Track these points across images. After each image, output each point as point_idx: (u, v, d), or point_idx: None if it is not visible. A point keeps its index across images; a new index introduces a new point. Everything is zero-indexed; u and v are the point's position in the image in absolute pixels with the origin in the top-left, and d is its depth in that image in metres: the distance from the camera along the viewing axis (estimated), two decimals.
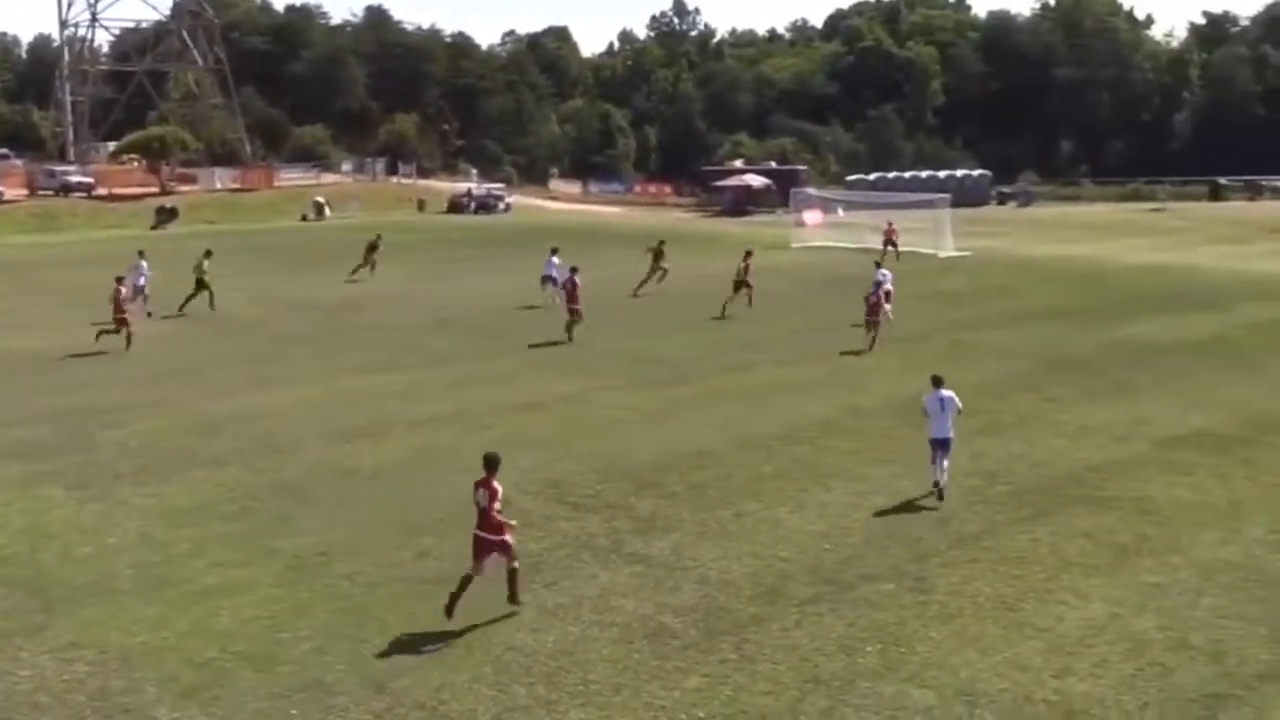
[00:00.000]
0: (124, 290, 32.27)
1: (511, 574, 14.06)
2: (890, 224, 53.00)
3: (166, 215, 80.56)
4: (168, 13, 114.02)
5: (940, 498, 18.06)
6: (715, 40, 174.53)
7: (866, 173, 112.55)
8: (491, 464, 14.15)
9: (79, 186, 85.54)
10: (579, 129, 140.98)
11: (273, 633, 13.47)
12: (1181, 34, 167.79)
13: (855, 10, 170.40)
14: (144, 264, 38.16)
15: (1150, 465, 20.14)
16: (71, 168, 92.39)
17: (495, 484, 14.01)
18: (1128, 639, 13.28)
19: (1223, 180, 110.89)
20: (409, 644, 13.15)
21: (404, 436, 22.01)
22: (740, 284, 38.08)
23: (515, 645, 13.11)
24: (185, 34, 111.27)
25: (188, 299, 37.79)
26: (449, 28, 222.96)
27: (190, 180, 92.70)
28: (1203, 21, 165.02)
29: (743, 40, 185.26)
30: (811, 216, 75.95)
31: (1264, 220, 79.80)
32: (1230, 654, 12.96)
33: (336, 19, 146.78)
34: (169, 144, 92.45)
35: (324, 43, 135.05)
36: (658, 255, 43.89)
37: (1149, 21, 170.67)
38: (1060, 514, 17.47)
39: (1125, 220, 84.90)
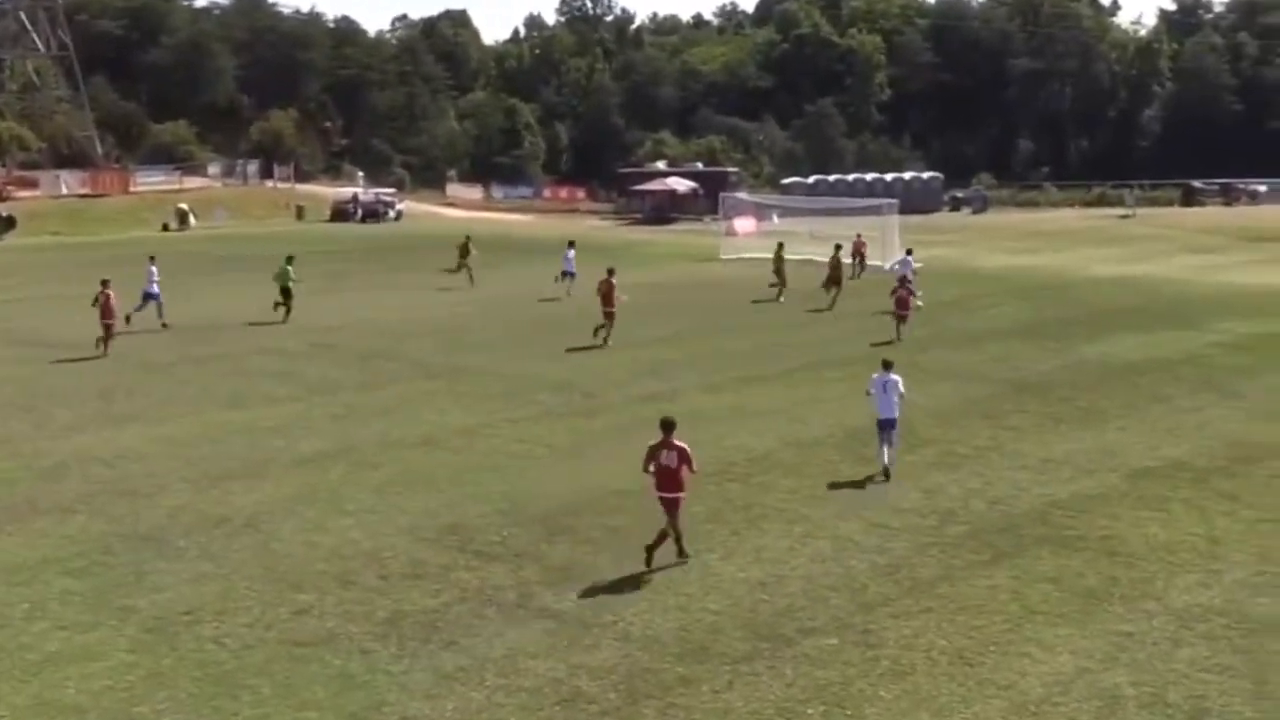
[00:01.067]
0: (112, 294, 34.56)
1: (676, 535, 16.95)
2: (859, 236, 53.52)
3: (3, 225, 79.25)
4: None
5: (887, 476, 21.27)
6: (634, 27, 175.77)
7: (805, 175, 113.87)
8: (669, 425, 17.03)
9: None
10: (480, 126, 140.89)
11: (128, 706, 13.22)
12: (1150, 21, 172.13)
13: None
14: (153, 270, 39.56)
15: (1121, 500, 20.45)
16: None
17: (680, 443, 16.87)
18: (1098, 695, 13.44)
19: (1196, 183, 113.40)
20: (287, 717, 12.98)
21: (281, 478, 21.77)
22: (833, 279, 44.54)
23: (410, 715, 12.98)
24: (23, 15, 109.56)
25: (285, 309, 40.20)
26: (331, 11, 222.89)
27: (30, 184, 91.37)
28: (1173, 7, 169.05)
29: (665, 27, 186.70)
30: (743, 224, 76.54)
31: (1241, 228, 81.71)
32: (1212, 711, 13.17)
33: (201, 0, 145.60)
34: (5, 142, 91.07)
35: (186, 28, 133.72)
36: (780, 261, 47.30)
37: (1114, 8, 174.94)
38: (1022, 556, 17.68)
39: (1090, 227, 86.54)
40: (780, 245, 49.33)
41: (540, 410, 27.33)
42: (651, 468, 17.11)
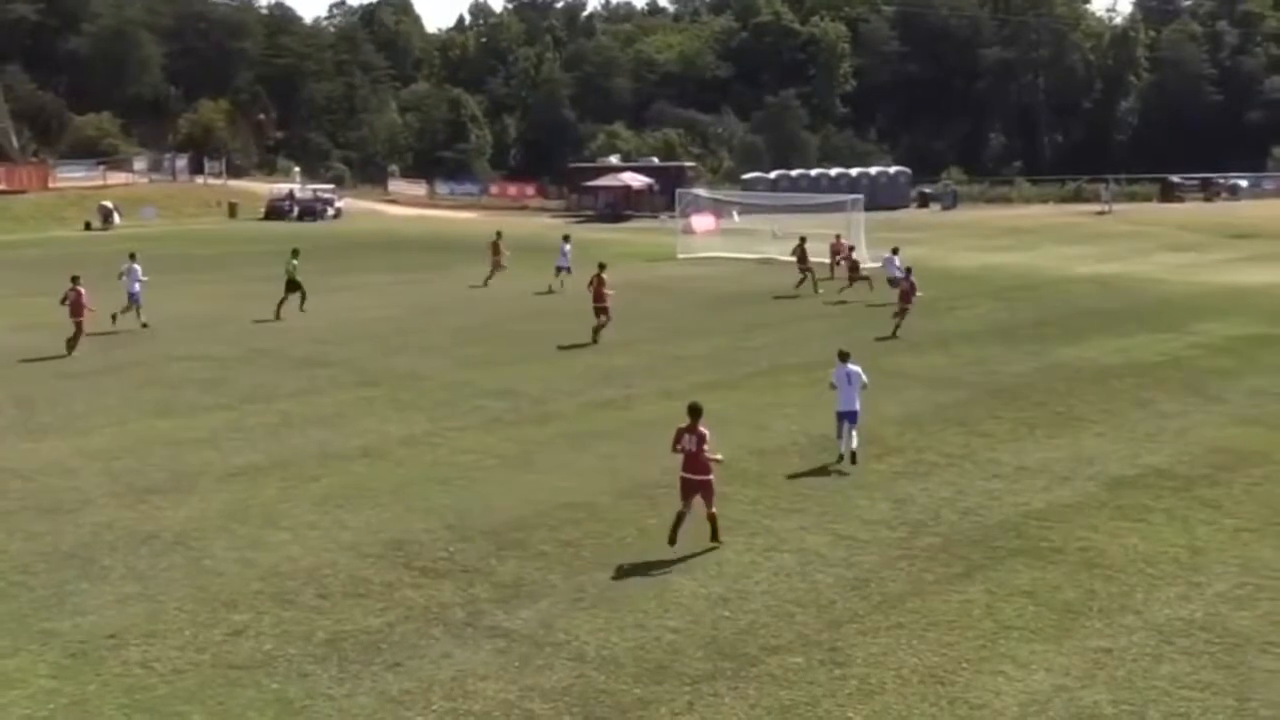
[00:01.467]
0: (83, 291, 35.54)
1: (712, 519, 18.54)
2: (839, 237, 53.51)
3: None
4: None
5: (853, 461, 22.81)
6: (585, 14, 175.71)
7: (766, 170, 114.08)
8: (697, 411, 18.51)
9: None
10: (423, 119, 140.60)
11: None
12: (1126, 9, 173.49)
13: None
14: (137, 267, 40.35)
15: (1099, 510, 20.59)
16: None
17: (703, 429, 18.37)
18: (1076, 714, 13.52)
19: (1175, 178, 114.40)
20: None
21: (213, 492, 21.64)
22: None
23: None
24: None
25: (279, 303, 42.20)
26: None
27: None
28: None
29: (618, 14, 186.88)
30: (701, 222, 76.68)
31: (1222, 224, 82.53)
32: None
33: None
34: None
35: (109, 13, 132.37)
36: (803, 257, 49.47)
37: None
38: (996, 569, 17.77)
39: (1065, 224, 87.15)
40: (802, 240, 50.49)
41: (488, 418, 27.28)
42: (679, 448, 18.54)
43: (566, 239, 51.50)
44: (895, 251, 46.85)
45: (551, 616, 16.02)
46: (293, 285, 42.92)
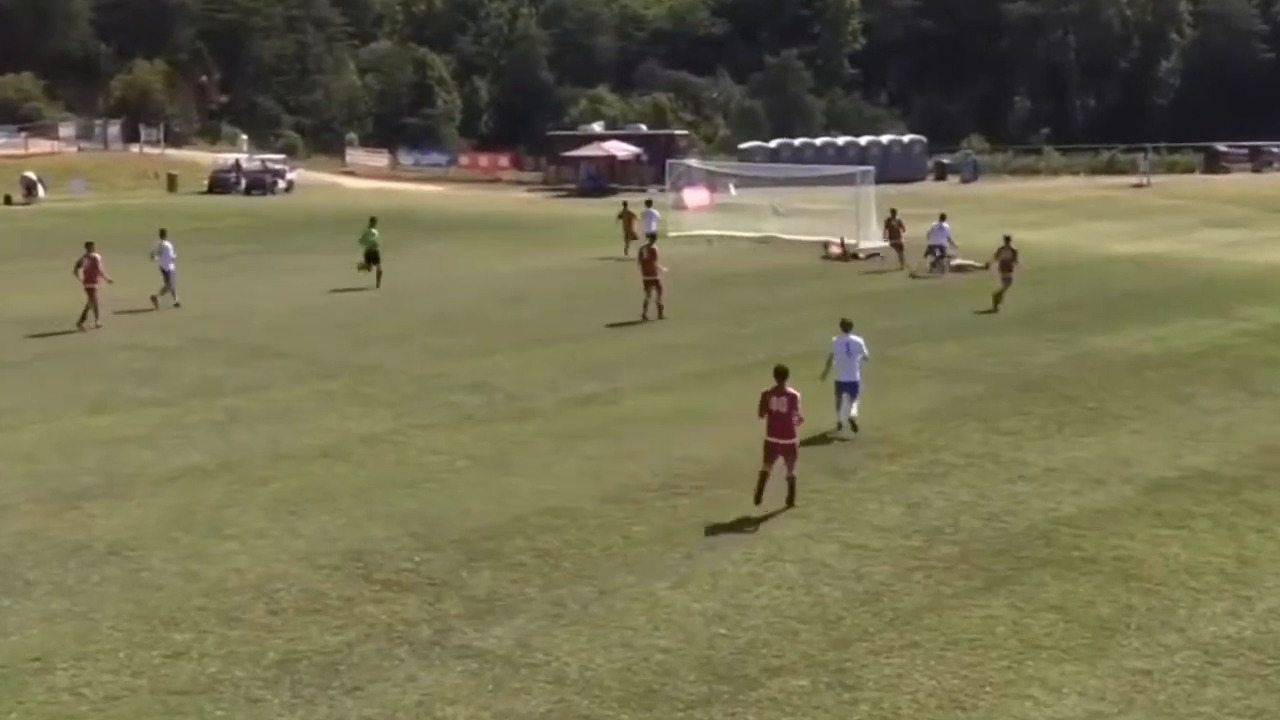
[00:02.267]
0: (99, 258, 37.38)
1: (791, 481, 20.46)
2: (894, 214, 53.49)
3: None
4: None
5: (854, 429, 24.57)
6: None
7: (765, 139, 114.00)
8: (783, 373, 20.53)
9: None
10: (385, 81, 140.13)
11: None
12: None
13: None
14: (168, 245, 41.33)
15: (1136, 516, 20.61)
16: None
17: (792, 389, 20.33)
18: None
19: (1221, 147, 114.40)
20: None
21: (151, 497, 21.59)
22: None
23: None
24: None
25: (377, 275, 45.18)
26: None
27: None
28: None
29: None
30: (694, 196, 76.54)
31: (1272, 197, 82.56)
32: None
33: None
34: None
35: None
36: (895, 231, 52.67)
37: None
38: (1022, 582, 17.78)
39: (1099, 198, 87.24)
40: (893, 211, 53.63)
41: (458, 415, 27.26)
42: (767, 412, 20.49)
43: (649, 203, 56.29)
44: (943, 218, 50.27)
45: (528, 634, 16.01)
46: (373, 256, 45.46)
